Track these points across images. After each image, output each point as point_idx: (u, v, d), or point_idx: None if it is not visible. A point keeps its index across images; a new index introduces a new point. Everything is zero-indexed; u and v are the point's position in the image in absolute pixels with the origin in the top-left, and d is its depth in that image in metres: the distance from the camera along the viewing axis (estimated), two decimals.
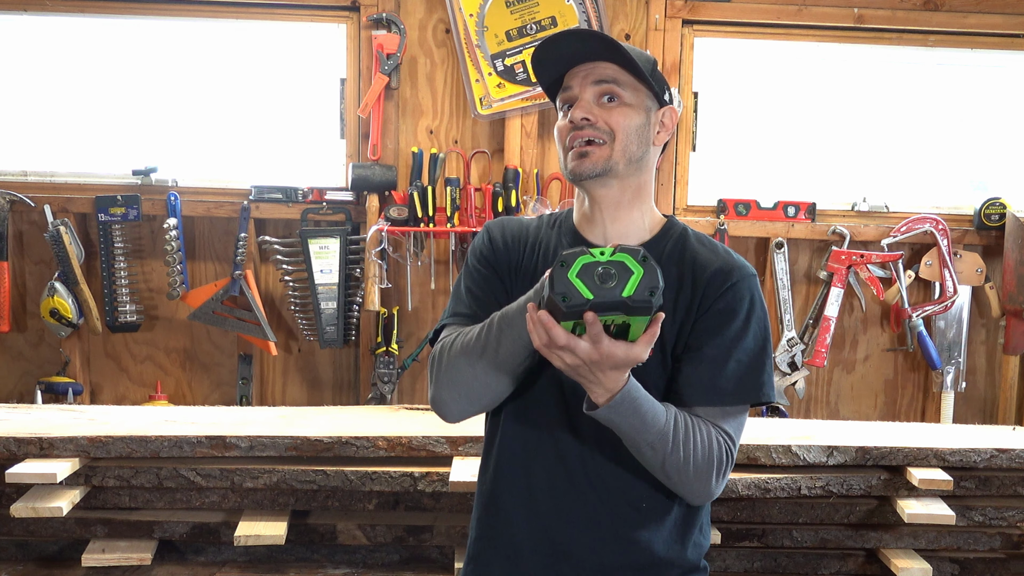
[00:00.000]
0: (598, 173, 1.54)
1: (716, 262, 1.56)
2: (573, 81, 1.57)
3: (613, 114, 1.54)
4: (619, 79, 1.55)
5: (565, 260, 1.31)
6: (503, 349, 1.47)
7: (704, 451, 1.47)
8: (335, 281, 3.25)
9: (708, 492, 1.50)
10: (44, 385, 3.28)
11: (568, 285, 1.30)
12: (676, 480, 1.49)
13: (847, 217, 3.43)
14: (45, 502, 2.22)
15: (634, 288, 1.29)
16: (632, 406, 1.40)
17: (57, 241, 3.19)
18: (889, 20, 3.32)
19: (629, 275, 1.30)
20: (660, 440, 1.43)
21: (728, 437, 1.51)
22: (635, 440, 1.44)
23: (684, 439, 1.45)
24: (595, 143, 1.54)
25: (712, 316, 1.53)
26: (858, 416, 3.47)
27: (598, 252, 1.31)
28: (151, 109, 3.39)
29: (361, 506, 2.40)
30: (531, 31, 3.24)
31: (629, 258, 1.30)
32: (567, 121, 1.56)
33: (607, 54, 1.54)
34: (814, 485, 2.36)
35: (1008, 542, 2.46)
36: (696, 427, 1.47)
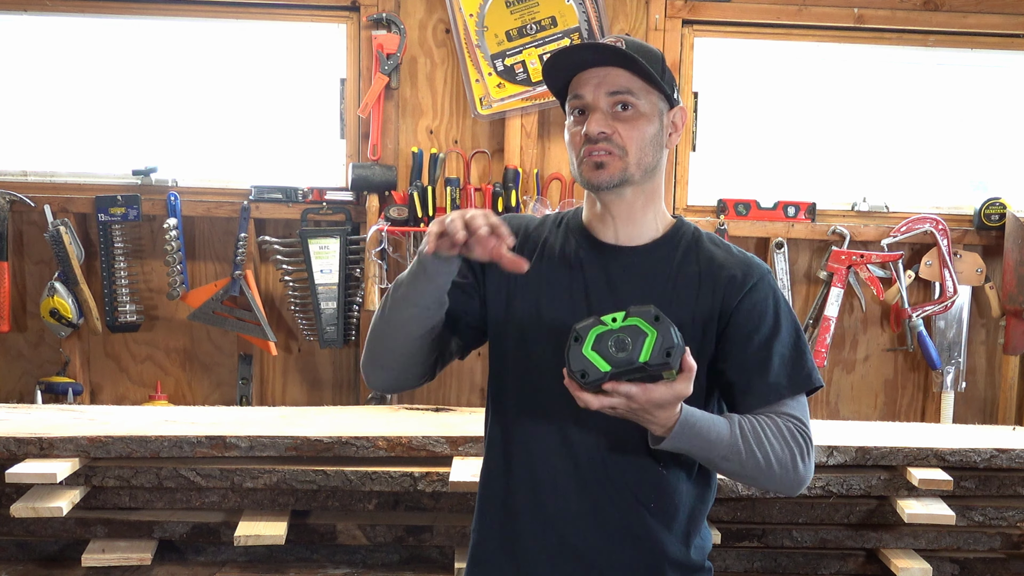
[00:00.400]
0: (615, 185, 1.54)
1: (733, 262, 1.58)
2: (585, 89, 1.54)
3: (629, 126, 1.53)
4: (632, 87, 1.53)
5: (579, 335, 1.33)
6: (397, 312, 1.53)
7: (780, 443, 1.48)
8: (335, 281, 3.25)
9: (799, 479, 1.52)
10: (44, 385, 3.28)
11: (585, 361, 1.32)
12: (764, 480, 1.50)
13: (847, 217, 3.43)
14: (45, 502, 2.23)
15: (650, 352, 1.32)
16: (692, 431, 1.41)
17: (57, 241, 3.19)
18: (889, 20, 3.32)
19: (643, 338, 1.32)
20: (732, 451, 1.45)
21: (797, 419, 1.52)
22: (708, 458, 1.46)
23: (756, 442, 1.46)
24: (612, 154, 1.53)
25: (741, 320, 1.54)
26: (858, 416, 3.47)
27: (610, 319, 1.33)
28: (151, 109, 3.38)
29: (361, 506, 2.41)
30: (531, 31, 3.24)
31: (641, 321, 1.32)
32: (582, 133, 1.54)
33: (622, 64, 1.52)
34: (814, 485, 2.37)
35: (1008, 542, 2.46)
36: (763, 424, 1.49)
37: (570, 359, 1.33)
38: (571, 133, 1.58)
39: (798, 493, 1.56)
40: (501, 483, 1.62)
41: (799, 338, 1.58)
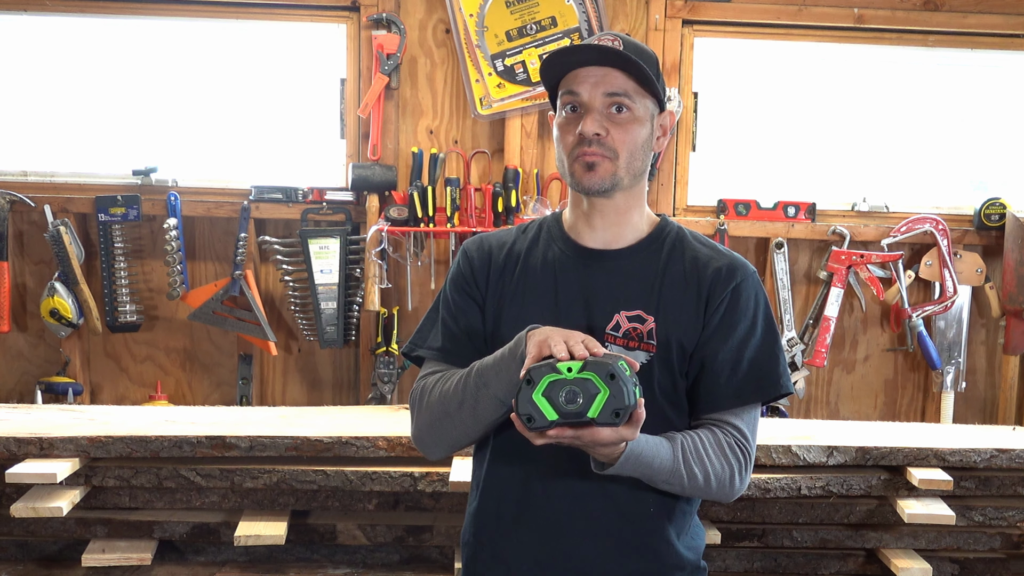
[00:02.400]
0: (605, 188, 1.54)
1: (719, 260, 1.57)
2: (581, 87, 1.53)
3: (622, 130, 1.53)
4: (628, 90, 1.52)
5: (531, 377, 1.33)
6: (480, 406, 1.50)
7: (720, 460, 1.50)
8: (335, 281, 3.25)
9: (734, 492, 1.54)
10: (44, 385, 3.28)
11: (533, 407, 1.32)
12: (699, 494, 1.53)
13: (847, 217, 3.43)
14: (45, 502, 2.22)
15: (599, 410, 1.32)
16: (637, 462, 1.43)
17: (57, 241, 3.19)
18: (889, 20, 3.32)
19: (595, 394, 1.32)
20: (674, 476, 1.47)
21: (740, 433, 1.53)
22: (650, 479, 1.48)
23: (697, 461, 1.48)
24: (604, 157, 1.52)
25: (720, 318, 1.54)
26: (858, 416, 3.47)
27: (565, 368, 1.32)
28: (151, 109, 3.38)
29: (361, 506, 2.41)
30: (531, 31, 3.24)
31: (596, 377, 1.32)
32: (576, 132, 1.53)
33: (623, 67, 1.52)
34: (814, 485, 2.36)
35: (1008, 542, 2.46)
36: (705, 444, 1.50)
37: (518, 402, 1.33)
38: (562, 129, 1.56)
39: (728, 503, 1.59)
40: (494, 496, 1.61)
41: (774, 344, 1.58)
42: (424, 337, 1.66)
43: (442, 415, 1.54)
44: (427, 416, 1.57)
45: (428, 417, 1.57)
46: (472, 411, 1.51)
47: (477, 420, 1.52)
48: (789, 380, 1.59)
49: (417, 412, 1.59)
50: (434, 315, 1.67)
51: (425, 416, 1.57)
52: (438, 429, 1.56)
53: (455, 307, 1.64)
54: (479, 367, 1.51)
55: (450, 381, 1.55)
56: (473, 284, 1.63)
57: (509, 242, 1.65)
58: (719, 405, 1.54)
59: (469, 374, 1.52)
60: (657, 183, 3.33)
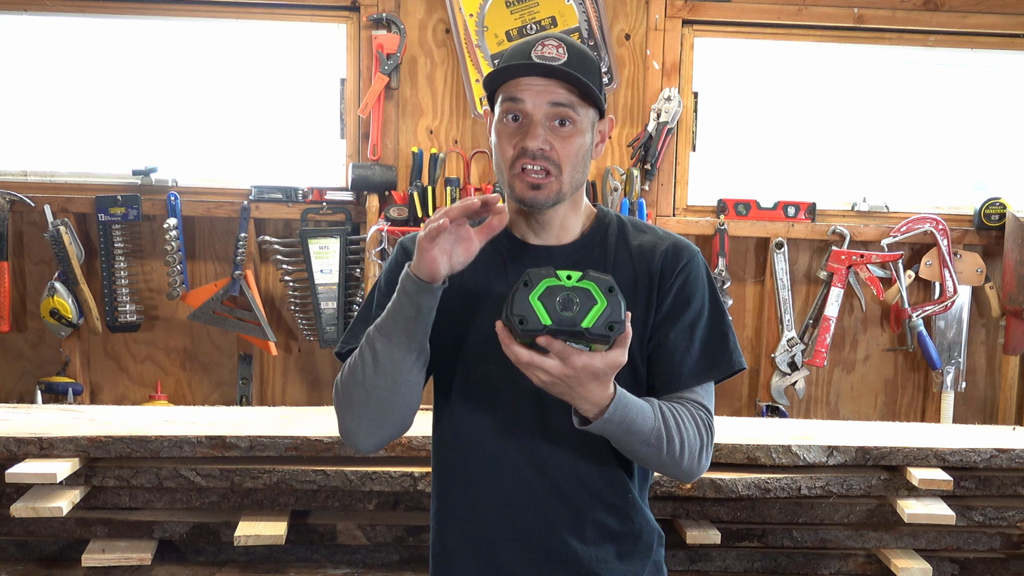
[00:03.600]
0: (549, 204, 1.52)
1: (663, 245, 1.57)
2: (525, 94, 1.49)
3: (566, 144, 1.50)
4: (572, 101, 1.49)
5: (529, 280, 1.29)
6: (392, 364, 1.45)
7: (692, 434, 1.48)
8: (335, 281, 3.25)
9: (700, 468, 1.51)
10: (44, 385, 3.28)
11: (527, 308, 1.28)
12: (671, 467, 1.48)
13: (847, 217, 3.43)
14: (45, 502, 2.22)
15: (594, 320, 1.28)
16: (623, 414, 1.38)
17: (57, 241, 3.19)
18: (889, 20, 3.32)
19: (592, 304, 1.28)
20: (655, 438, 1.43)
21: (706, 411, 1.53)
22: (629, 443, 1.43)
23: (676, 429, 1.45)
24: (548, 174, 1.50)
25: (671, 301, 1.54)
26: (858, 416, 3.47)
27: (564, 275, 1.29)
28: (151, 109, 3.39)
29: (361, 506, 2.40)
30: (531, 31, 3.24)
31: (595, 287, 1.29)
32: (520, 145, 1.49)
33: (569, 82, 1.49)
34: (814, 485, 2.36)
35: (1008, 542, 2.46)
36: (680, 413, 1.48)
37: (514, 301, 1.28)
38: (502, 137, 1.52)
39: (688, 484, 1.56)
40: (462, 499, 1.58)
41: (722, 322, 1.57)
42: (356, 335, 1.58)
43: (360, 394, 1.48)
44: (344, 401, 1.50)
45: (345, 401, 1.50)
46: (387, 375, 1.45)
47: (395, 383, 1.46)
48: (741, 356, 1.58)
49: (337, 405, 1.52)
50: (366, 312, 1.61)
51: (343, 402, 1.50)
52: (359, 411, 1.49)
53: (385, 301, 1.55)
54: (376, 324, 1.45)
55: (353, 356, 1.49)
56: None
57: None
58: (677, 385, 1.53)
59: (369, 336, 1.46)
60: (657, 183, 3.33)
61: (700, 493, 2.31)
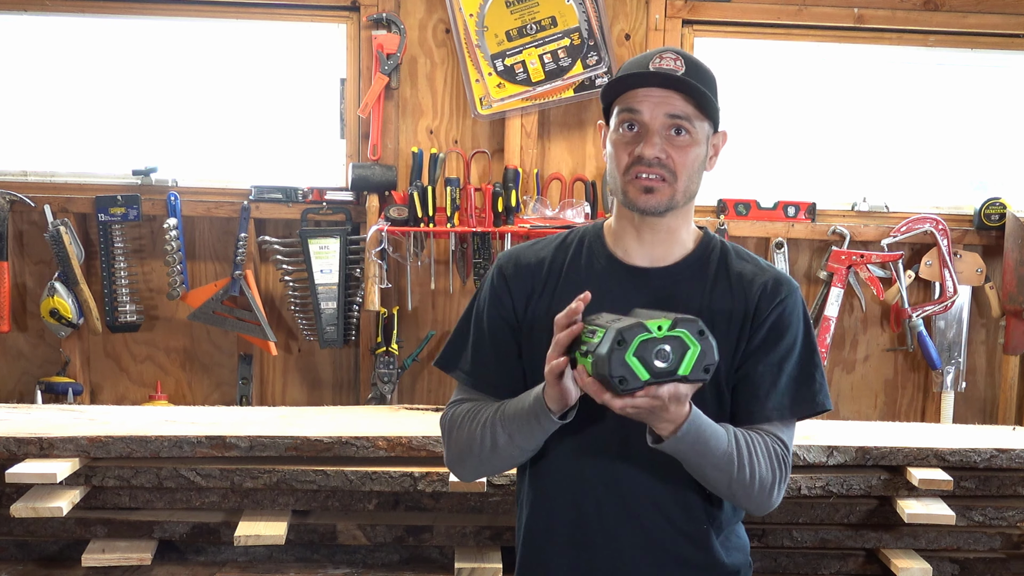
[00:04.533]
0: (662, 211, 1.53)
1: (763, 277, 1.57)
2: (643, 106, 1.50)
3: (682, 153, 1.51)
4: (689, 113, 1.50)
5: (623, 338, 1.28)
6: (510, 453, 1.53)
7: (766, 465, 1.48)
8: (335, 281, 3.25)
9: (770, 503, 1.52)
10: (44, 385, 3.28)
11: (626, 368, 1.28)
12: (741, 496, 1.49)
13: (847, 217, 3.43)
14: (45, 502, 2.22)
15: (691, 366, 1.30)
16: (696, 434, 1.39)
17: (57, 241, 3.19)
18: (889, 20, 3.32)
19: (685, 350, 1.30)
20: (726, 462, 1.44)
21: (784, 445, 1.52)
22: (700, 465, 1.44)
23: (748, 457, 1.46)
24: (664, 180, 1.51)
25: (764, 334, 1.54)
26: (858, 416, 3.46)
27: (655, 327, 1.29)
28: (151, 109, 3.39)
29: (361, 506, 2.41)
30: (531, 31, 3.24)
31: (687, 335, 1.29)
32: (635, 152, 1.50)
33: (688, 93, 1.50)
34: (814, 485, 2.36)
35: (1008, 542, 2.46)
36: (755, 442, 1.48)
37: (611, 364, 1.27)
38: (618, 146, 1.53)
39: (761, 515, 1.57)
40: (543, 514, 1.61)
41: (812, 361, 1.57)
42: (457, 354, 1.64)
43: (471, 454, 1.56)
44: (456, 450, 1.59)
45: (458, 451, 1.59)
46: (502, 456, 1.54)
47: (507, 462, 1.56)
48: (828, 397, 1.57)
49: (447, 441, 1.61)
50: (465, 328, 1.65)
51: (454, 450, 1.60)
52: (470, 464, 1.59)
53: (487, 329, 1.61)
54: (504, 419, 1.51)
55: (477, 421, 1.54)
56: (510, 307, 1.61)
57: (548, 258, 1.62)
58: (757, 418, 1.53)
59: (495, 424, 1.51)
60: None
61: None
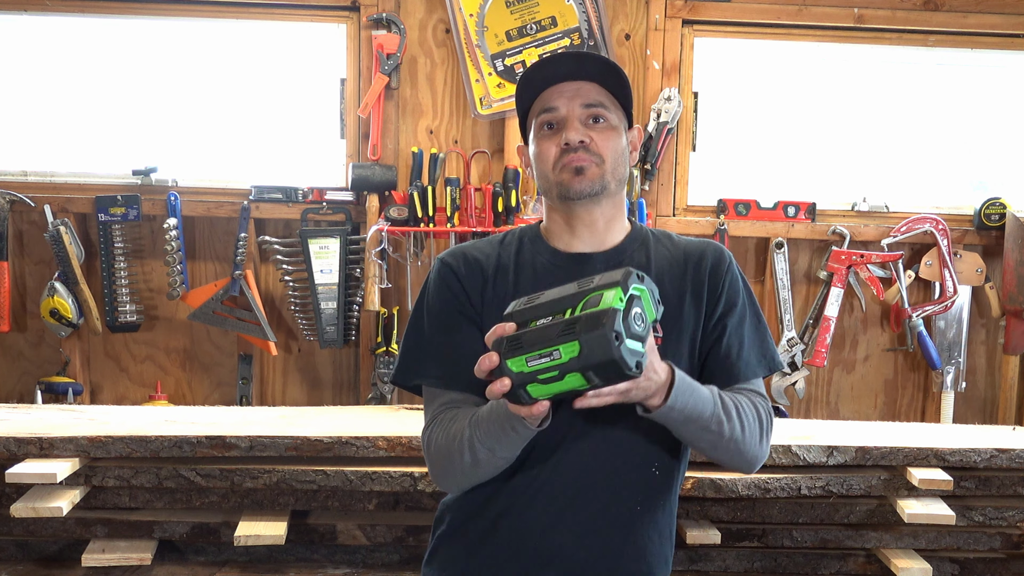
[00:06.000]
0: (595, 192, 1.54)
1: (704, 249, 1.62)
2: (558, 102, 1.54)
3: (604, 136, 1.54)
4: (604, 101, 1.55)
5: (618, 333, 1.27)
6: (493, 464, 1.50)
7: (753, 417, 1.52)
8: (335, 281, 3.25)
9: (762, 454, 1.55)
10: (44, 385, 3.28)
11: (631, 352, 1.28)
12: (733, 452, 1.52)
13: (847, 217, 3.43)
14: (45, 502, 2.22)
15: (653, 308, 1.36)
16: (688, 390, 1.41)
17: (57, 241, 3.19)
18: (889, 20, 3.32)
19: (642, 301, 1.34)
20: (716, 423, 1.46)
21: (763, 397, 1.57)
22: (690, 429, 1.45)
23: (737, 412, 1.49)
24: (591, 161, 1.53)
25: (723, 303, 1.58)
26: (858, 416, 3.47)
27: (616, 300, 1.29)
28: (151, 109, 3.39)
29: (361, 506, 2.40)
30: (531, 31, 3.24)
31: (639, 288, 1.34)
32: (560, 143, 1.53)
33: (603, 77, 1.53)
34: (814, 485, 2.36)
35: (1008, 542, 2.46)
36: (738, 399, 1.52)
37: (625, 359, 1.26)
38: (542, 145, 1.56)
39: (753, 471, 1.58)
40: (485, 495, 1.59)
41: (762, 321, 1.64)
42: (416, 363, 1.60)
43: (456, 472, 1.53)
44: (439, 469, 1.56)
45: (441, 470, 1.56)
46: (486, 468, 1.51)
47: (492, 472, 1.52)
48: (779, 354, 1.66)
49: (429, 462, 1.58)
50: (419, 338, 1.61)
51: (438, 466, 1.56)
52: (454, 480, 1.57)
53: (449, 329, 1.58)
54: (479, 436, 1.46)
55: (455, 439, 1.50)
56: (466, 299, 1.58)
57: (493, 254, 1.62)
58: (735, 379, 1.57)
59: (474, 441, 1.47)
60: (657, 183, 3.33)
61: (700, 493, 2.31)
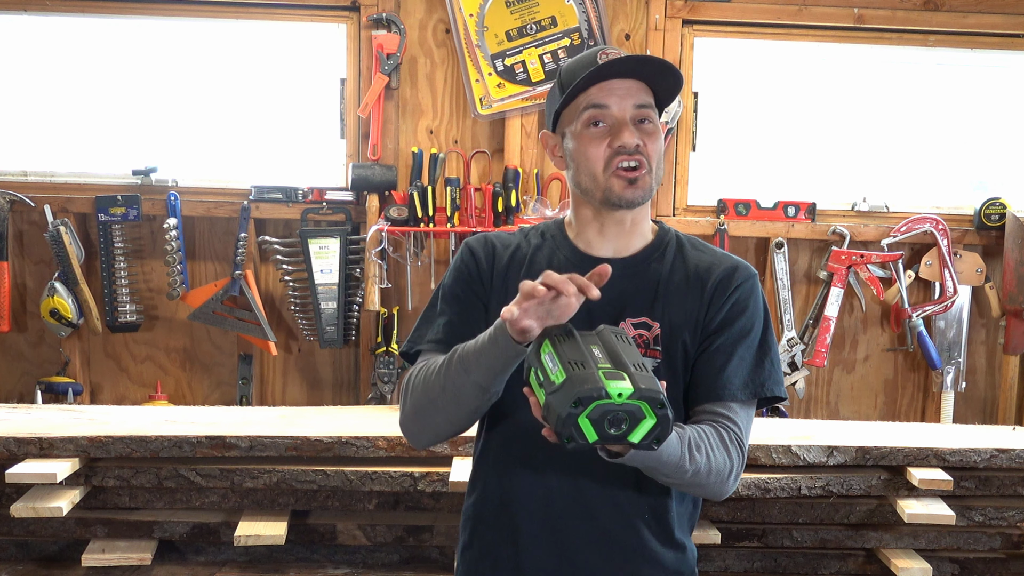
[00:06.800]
0: (644, 201, 1.55)
1: (719, 265, 1.58)
2: (610, 99, 1.51)
3: (652, 140, 1.53)
4: (650, 103, 1.54)
5: (580, 400, 1.24)
6: (462, 393, 1.46)
7: (722, 457, 1.48)
8: (335, 281, 3.25)
9: (726, 490, 1.52)
10: (44, 385, 3.28)
11: (576, 429, 1.26)
12: (696, 490, 1.52)
13: (847, 217, 3.43)
14: (45, 502, 2.22)
15: (642, 436, 1.28)
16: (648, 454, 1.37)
17: (57, 241, 3.19)
18: (889, 20, 3.32)
19: (640, 419, 1.27)
20: (680, 469, 1.43)
21: (737, 429, 1.52)
22: (655, 471, 1.44)
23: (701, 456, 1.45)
24: (643, 169, 1.52)
25: (722, 317, 1.55)
26: (858, 416, 3.46)
27: (615, 393, 1.25)
28: (151, 109, 3.39)
29: (361, 506, 2.40)
30: (531, 31, 3.24)
31: (647, 407, 1.27)
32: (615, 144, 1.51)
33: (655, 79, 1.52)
34: (814, 485, 2.36)
35: (1008, 542, 2.46)
36: (709, 438, 1.48)
37: (562, 423, 1.25)
38: (589, 144, 1.53)
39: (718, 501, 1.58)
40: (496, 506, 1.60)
41: (766, 346, 1.57)
42: (422, 335, 1.63)
43: (425, 402, 1.51)
44: (411, 402, 1.53)
45: (412, 403, 1.53)
46: (454, 398, 1.47)
47: (459, 407, 1.48)
48: (780, 385, 1.57)
49: (403, 399, 1.56)
50: (431, 313, 1.65)
51: (410, 402, 1.54)
52: (422, 416, 1.53)
53: (457, 301, 1.61)
54: (461, 353, 1.46)
55: (433, 366, 1.51)
56: (478, 280, 1.61)
57: (513, 244, 1.64)
58: (712, 396, 1.53)
59: (451, 359, 1.47)
60: None
61: None
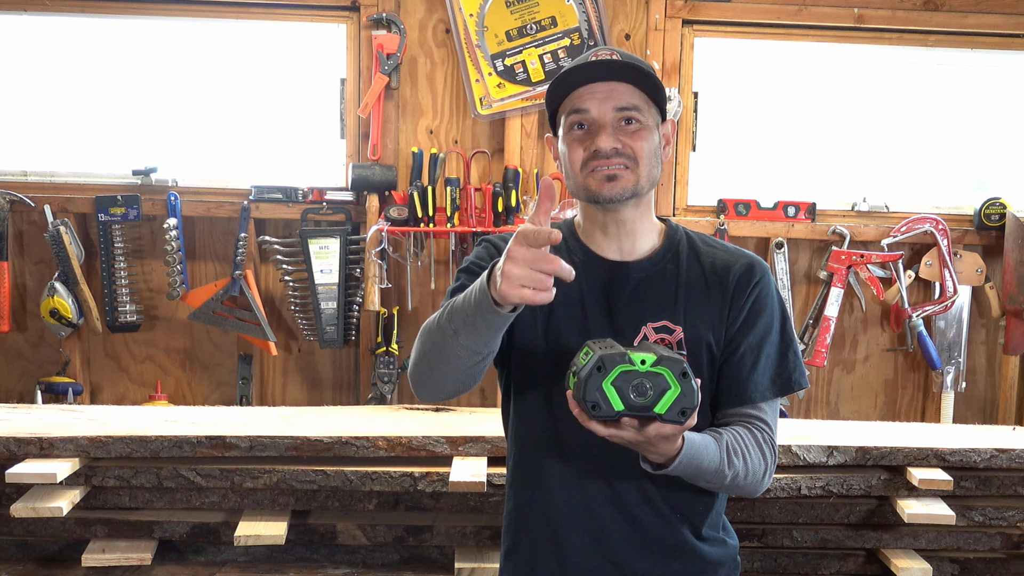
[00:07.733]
0: (627, 197, 1.53)
1: (735, 263, 1.59)
2: (589, 103, 1.52)
3: (637, 138, 1.52)
4: (636, 103, 1.53)
5: (603, 365, 1.29)
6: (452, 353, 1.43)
7: (758, 457, 1.51)
8: (335, 281, 3.25)
9: (761, 488, 1.55)
10: (44, 385, 3.28)
11: (601, 394, 1.29)
12: (732, 489, 1.54)
13: (847, 217, 3.43)
14: (45, 502, 2.23)
15: (667, 406, 1.30)
16: (689, 462, 1.41)
17: (57, 241, 3.19)
18: (889, 20, 3.32)
19: (665, 389, 1.30)
20: (720, 475, 1.46)
21: (769, 429, 1.55)
22: (694, 478, 1.47)
23: (741, 460, 1.48)
24: (625, 167, 1.52)
25: (744, 317, 1.56)
26: (858, 416, 3.47)
27: (639, 359, 1.29)
28: (151, 109, 3.39)
29: (361, 506, 2.41)
30: (531, 31, 3.24)
31: (669, 372, 1.30)
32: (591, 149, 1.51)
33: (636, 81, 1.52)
34: (814, 485, 2.36)
35: (1008, 542, 2.46)
36: (745, 441, 1.51)
37: (587, 388, 1.29)
38: (572, 147, 1.54)
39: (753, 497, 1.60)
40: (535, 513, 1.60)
41: (789, 340, 1.60)
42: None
43: (422, 356, 1.48)
44: (415, 353, 1.51)
45: (415, 354, 1.51)
46: (446, 357, 1.44)
47: (452, 366, 1.45)
48: (804, 375, 1.60)
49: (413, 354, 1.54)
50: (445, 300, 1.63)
51: (414, 353, 1.51)
52: (421, 368, 1.50)
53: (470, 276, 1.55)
54: (451, 309, 1.42)
55: (432, 320, 1.47)
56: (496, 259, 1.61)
57: None
58: (742, 400, 1.55)
59: (443, 315, 1.44)
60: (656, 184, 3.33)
61: None
